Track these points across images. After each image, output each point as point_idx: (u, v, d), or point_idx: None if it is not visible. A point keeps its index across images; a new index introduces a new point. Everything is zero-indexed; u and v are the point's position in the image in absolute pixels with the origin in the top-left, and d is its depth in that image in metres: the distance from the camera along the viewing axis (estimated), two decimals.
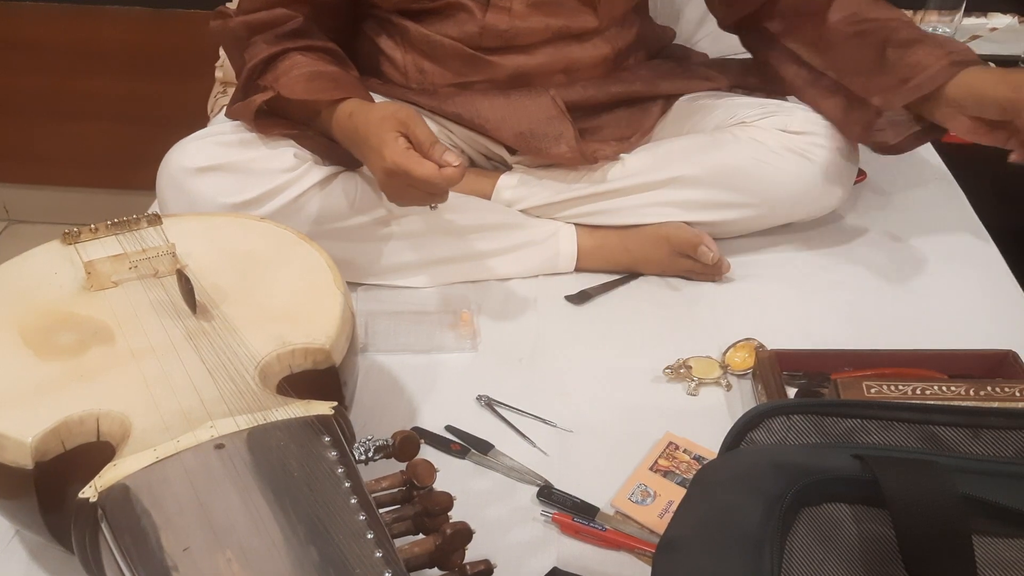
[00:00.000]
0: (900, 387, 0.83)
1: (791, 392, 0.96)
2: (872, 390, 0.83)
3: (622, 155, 1.19)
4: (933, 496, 0.56)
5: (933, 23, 1.81)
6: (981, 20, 1.87)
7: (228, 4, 1.58)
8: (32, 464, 0.70)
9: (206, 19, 1.89)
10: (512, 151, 1.24)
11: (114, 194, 2.24)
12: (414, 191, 0.98)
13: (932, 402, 0.82)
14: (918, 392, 0.82)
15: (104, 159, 2.18)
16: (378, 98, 1.18)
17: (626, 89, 1.24)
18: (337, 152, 1.11)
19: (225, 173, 1.08)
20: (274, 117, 1.12)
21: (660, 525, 0.86)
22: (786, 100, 1.29)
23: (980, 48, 1.77)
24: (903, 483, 0.56)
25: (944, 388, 0.83)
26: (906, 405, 0.66)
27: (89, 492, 0.64)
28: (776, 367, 0.97)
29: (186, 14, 1.99)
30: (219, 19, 1.17)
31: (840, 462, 0.58)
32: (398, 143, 0.96)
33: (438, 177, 0.94)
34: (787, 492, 0.56)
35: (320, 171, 1.11)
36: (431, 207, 1.02)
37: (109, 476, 0.65)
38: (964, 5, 1.78)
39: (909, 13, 1.84)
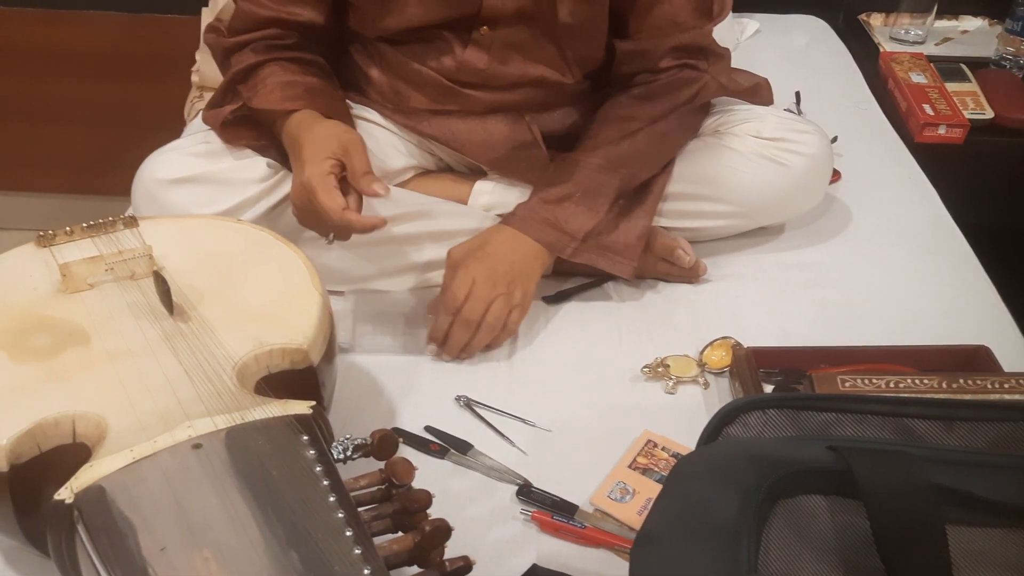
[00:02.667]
0: (874, 381, 0.84)
1: (768, 389, 0.97)
2: (847, 384, 0.84)
3: None
4: (906, 486, 0.57)
5: (905, 25, 1.83)
6: (952, 23, 1.90)
7: (209, 10, 1.58)
8: (7, 467, 0.69)
9: (181, 24, 1.91)
10: None
11: (88, 200, 2.21)
12: (316, 216, 0.98)
13: (905, 395, 0.83)
14: (892, 385, 0.83)
15: (78, 164, 2.16)
16: (362, 111, 1.18)
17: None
18: None
19: (199, 184, 1.07)
20: (241, 127, 1.11)
21: (639, 522, 0.85)
22: (756, 105, 1.30)
23: (952, 50, 1.81)
24: (877, 473, 0.57)
25: (917, 381, 0.84)
26: (880, 398, 0.67)
27: (65, 494, 0.64)
28: (753, 364, 0.98)
29: (161, 19, 1.98)
30: (213, 34, 1.16)
31: (815, 454, 0.59)
32: (324, 164, 0.97)
33: (336, 214, 0.95)
34: (763, 484, 0.56)
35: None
36: (327, 239, 1.03)
37: (85, 477, 0.65)
38: (936, 8, 1.81)
39: (882, 16, 1.89)
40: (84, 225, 0.93)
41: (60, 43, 2.02)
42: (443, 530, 0.66)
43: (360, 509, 0.66)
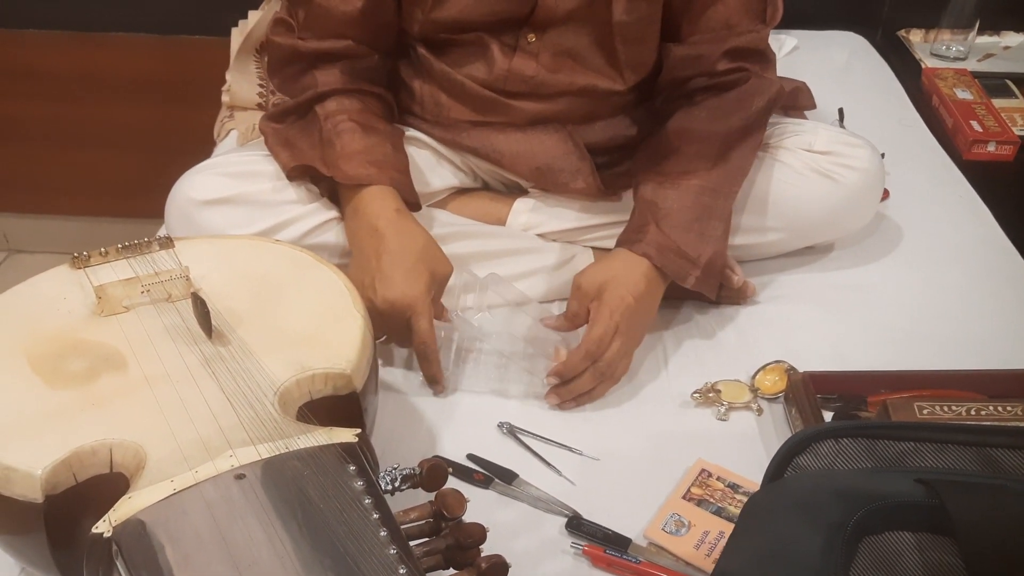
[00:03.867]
0: (953, 408, 0.80)
1: (827, 416, 0.93)
2: (924, 411, 0.80)
3: None
4: (1005, 524, 0.52)
5: (946, 41, 1.79)
6: (994, 39, 1.86)
7: (239, 31, 1.56)
8: (42, 498, 0.66)
9: (212, 45, 1.90)
10: None
11: (121, 223, 2.20)
12: (391, 323, 0.98)
13: (988, 423, 0.79)
14: (972, 413, 0.79)
15: (110, 187, 2.15)
16: (404, 130, 1.16)
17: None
18: None
19: (235, 205, 1.05)
20: (302, 168, 1.08)
21: (696, 556, 0.82)
22: (807, 119, 1.27)
23: (994, 66, 1.77)
24: (972, 509, 0.52)
25: (1000, 409, 0.80)
26: (963, 427, 0.63)
27: (103, 527, 0.61)
28: (811, 390, 0.93)
29: (193, 40, 1.97)
30: (284, 35, 1.10)
31: (902, 487, 0.55)
32: (422, 285, 0.98)
33: (431, 345, 0.98)
34: (848, 520, 0.52)
35: (332, 206, 1.09)
36: (383, 339, 1.02)
37: (124, 509, 0.61)
38: (977, 24, 1.77)
39: (922, 32, 1.86)
40: (119, 246, 0.90)
41: (92, 66, 2.01)
42: (500, 567, 0.62)
43: (411, 543, 0.63)
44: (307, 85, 1.09)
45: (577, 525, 0.86)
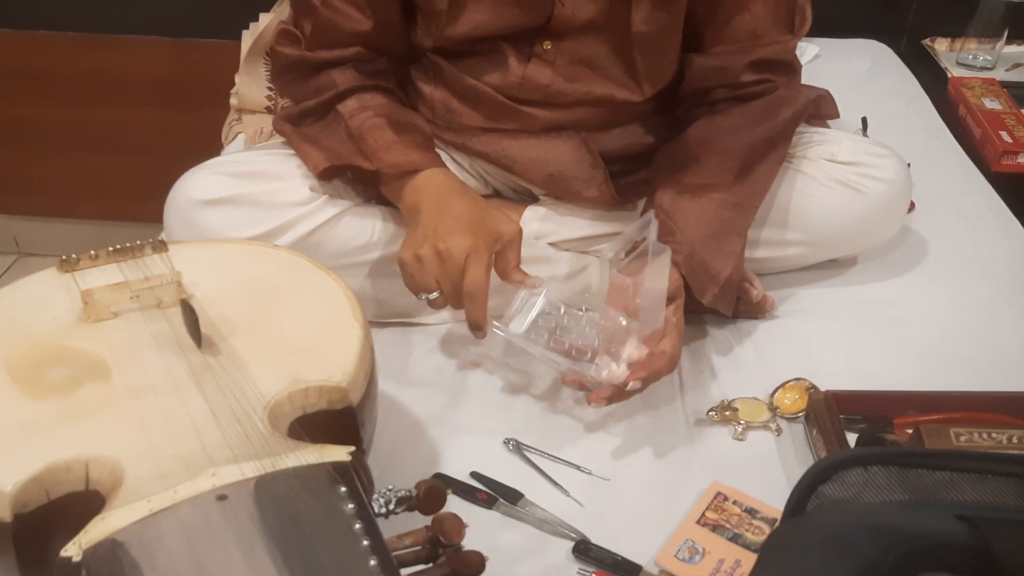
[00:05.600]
0: (994, 435, 0.74)
1: (850, 438, 0.88)
2: (962, 439, 0.74)
3: None
4: None
5: (973, 51, 1.74)
6: (1023, 48, 1.80)
7: (249, 34, 1.53)
8: (11, 516, 0.62)
9: (222, 48, 1.87)
10: None
11: (127, 226, 2.17)
12: (439, 274, 0.93)
13: None
14: (1014, 441, 0.74)
15: (118, 190, 2.13)
16: None
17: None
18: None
19: (235, 206, 1.01)
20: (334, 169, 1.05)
21: None
22: (829, 128, 1.22)
23: (1023, 76, 1.71)
24: (1021, 551, 0.47)
25: None
26: (1005, 456, 0.57)
27: (72, 550, 0.56)
28: (834, 410, 0.88)
29: (202, 43, 1.94)
30: (289, 45, 1.07)
31: (943, 524, 0.50)
32: (490, 243, 0.93)
33: (481, 287, 0.91)
34: (884, 559, 0.47)
35: (335, 205, 1.05)
36: (425, 297, 0.95)
37: (96, 531, 0.57)
38: (1006, 33, 1.72)
39: (947, 41, 1.81)
40: (110, 249, 0.86)
41: (103, 68, 2.00)
42: None
43: (404, 572, 0.58)
44: (324, 86, 1.05)
45: (585, 550, 0.81)
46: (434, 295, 0.94)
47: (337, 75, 1.05)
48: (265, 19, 1.52)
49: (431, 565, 0.61)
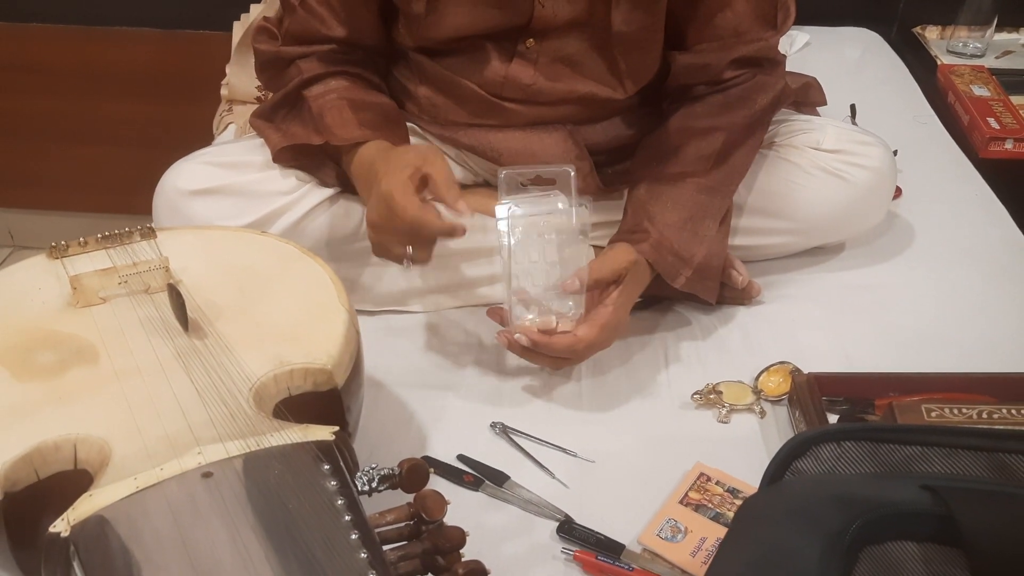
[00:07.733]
0: (964, 411, 0.76)
1: (832, 419, 0.89)
2: (933, 414, 0.76)
3: None
4: (1018, 535, 0.49)
5: (963, 38, 1.75)
6: (1013, 36, 1.81)
7: (240, 25, 1.54)
8: (1, 495, 0.63)
9: (214, 40, 1.87)
10: None
11: (119, 218, 2.17)
12: (394, 234, 0.90)
13: (1001, 427, 0.75)
14: (984, 416, 0.75)
15: (110, 183, 2.13)
16: None
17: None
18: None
19: (223, 196, 1.02)
20: (293, 151, 1.05)
21: (692, 564, 0.79)
22: (818, 115, 1.23)
23: (1014, 63, 1.72)
24: (982, 519, 0.49)
25: (1014, 412, 0.76)
26: (974, 430, 0.59)
27: (61, 526, 0.58)
28: (816, 392, 0.90)
29: (194, 35, 1.95)
30: (264, 36, 1.09)
31: (906, 494, 0.51)
32: (403, 172, 0.89)
33: (414, 211, 0.86)
34: (848, 528, 0.49)
35: (321, 193, 1.06)
36: (407, 264, 0.92)
37: (84, 508, 0.58)
38: (996, 21, 1.73)
39: (938, 29, 1.81)
40: (99, 236, 0.88)
41: (95, 61, 1.99)
42: (479, 573, 0.58)
43: (386, 548, 0.59)
44: (291, 76, 1.06)
45: (569, 530, 0.82)
46: (410, 250, 0.92)
47: (303, 64, 1.06)
48: (256, 10, 1.53)
49: (413, 541, 0.62)
